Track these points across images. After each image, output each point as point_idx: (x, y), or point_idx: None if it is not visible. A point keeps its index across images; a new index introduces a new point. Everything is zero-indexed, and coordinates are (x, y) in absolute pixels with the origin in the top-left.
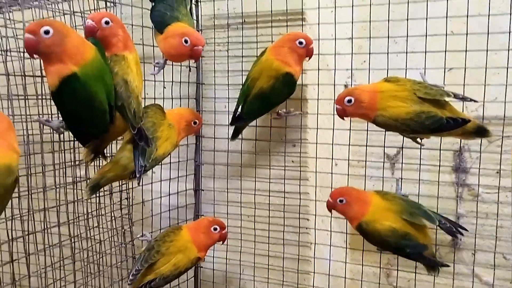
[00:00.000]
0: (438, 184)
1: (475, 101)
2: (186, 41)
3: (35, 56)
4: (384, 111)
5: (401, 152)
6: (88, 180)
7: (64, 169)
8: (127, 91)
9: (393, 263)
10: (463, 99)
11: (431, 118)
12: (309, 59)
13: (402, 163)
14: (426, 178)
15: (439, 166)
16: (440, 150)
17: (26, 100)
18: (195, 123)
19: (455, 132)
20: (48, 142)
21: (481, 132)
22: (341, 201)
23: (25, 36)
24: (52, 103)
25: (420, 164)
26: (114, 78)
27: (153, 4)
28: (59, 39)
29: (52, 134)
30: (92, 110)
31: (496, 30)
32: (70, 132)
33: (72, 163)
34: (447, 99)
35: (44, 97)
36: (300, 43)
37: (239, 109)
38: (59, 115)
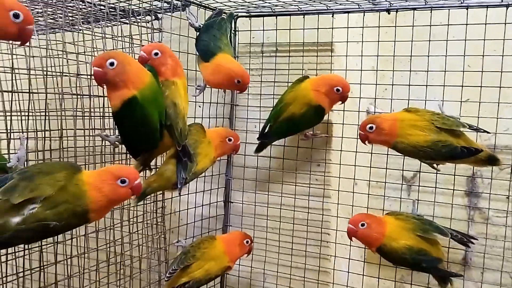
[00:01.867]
0: (451, 206)
1: (487, 132)
2: (238, 82)
3: (103, 85)
4: (404, 138)
5: (417, 175)
6: None
7: None
8: (175, 113)
9: (407, 279)
10: (477, 130)
11: (447, 146)
12: (341, 103)
13: (418, 185)
14: (440, 200)
15: (453, 190)
16: (454, 175)
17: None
18: (229, 140)
19: (468, 160)
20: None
21: (492, 160)
22: (362, 225)
23: (93, 69)
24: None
25: (435, 187)
26: (165, 100)
27: (197, 33)
28: (122, 68)
29: (104, 147)
30: (146, 128)
31: (509, 67)
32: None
33: None
34: (462, 129)
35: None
36: (338, 90)
37: (267, 128)
38: (116, 131)
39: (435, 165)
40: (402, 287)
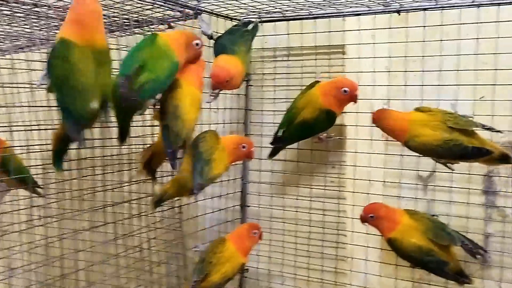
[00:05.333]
0: (468, 205)
1: (500, 131)
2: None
3: None
4: (415, 137)
5: (433, 174)
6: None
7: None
8: (175, 115)
9: (426, 279)
10: (490, 129)
11: (458, 146)
12: (354, 103)
13: (434, 185)
14: (457, 199)
15: (469, 189)
16: (470, 173)
17: None
18: (243, 147)
19: (480, 159)
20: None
21: (505, 159)
22: (371, 217)
23: None
24: None
25: (451, 187)
26: (168, 99)
27: (213, 40)
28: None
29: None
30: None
31: None
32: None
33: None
34: (475, 129)
35: None
36: (345, 91)
37: (280, 132)
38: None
39: (449, 165)
40: (420, 287)
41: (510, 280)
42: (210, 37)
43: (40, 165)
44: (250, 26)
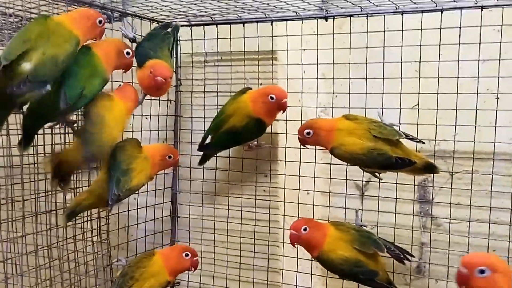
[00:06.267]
0: (404, 214)
1: (422, 142)
2: (151, 72)
3: None
4: (340, 145)
5: (369, 183)
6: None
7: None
8: (96, 123)
9: None
10: (413, 139)
11: (382, 155)
12: (282, 112)
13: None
14: (392, 208)
15: (399, 198)
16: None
17: None
18: (169, 157)
19: (405, 169)
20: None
21: (429, 168)
22: (305, 229)
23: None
24: None
25: (382, 196)
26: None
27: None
28: None
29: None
30: None
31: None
32: None
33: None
34: (398, 138)
35: None
36: (271, 98)
37: (209, 139)
38: None
39: (377, 174)
40: None
41: None
42: (133, 40)
43: None
44: (170, 29)
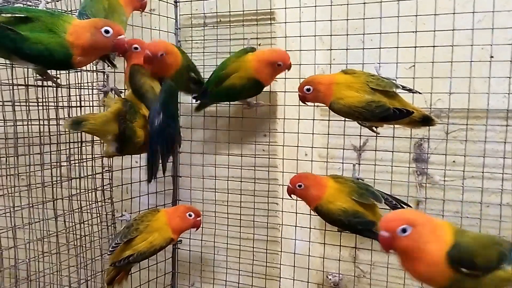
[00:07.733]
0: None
1: (419, 93)
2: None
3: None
4: (339, 99)
5: (365, 144)
6: None
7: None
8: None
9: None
10: (410, 90)
11: (380, 107)
12: (288, 70)
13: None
14: (389, 166)
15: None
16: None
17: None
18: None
19: (402, 121)
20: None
21: (426, 121)
22: (299, 186)
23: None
24: None
25: (377, 159)
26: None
27: None
28: None
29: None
30: None
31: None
32: None
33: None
34: (396, 90)
35: None
36: (279, 65)
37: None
38: None
39: (374, 128)
40: (352, 252)
41: None
42: None
43: None
44: None
